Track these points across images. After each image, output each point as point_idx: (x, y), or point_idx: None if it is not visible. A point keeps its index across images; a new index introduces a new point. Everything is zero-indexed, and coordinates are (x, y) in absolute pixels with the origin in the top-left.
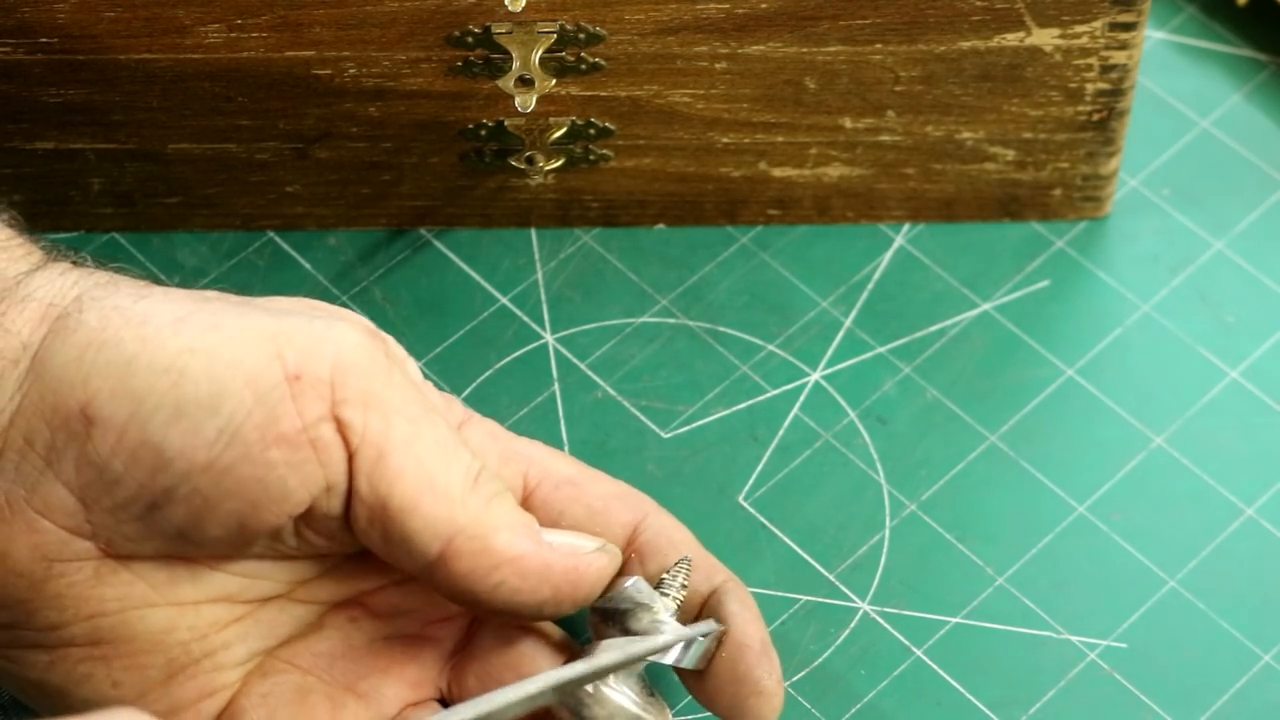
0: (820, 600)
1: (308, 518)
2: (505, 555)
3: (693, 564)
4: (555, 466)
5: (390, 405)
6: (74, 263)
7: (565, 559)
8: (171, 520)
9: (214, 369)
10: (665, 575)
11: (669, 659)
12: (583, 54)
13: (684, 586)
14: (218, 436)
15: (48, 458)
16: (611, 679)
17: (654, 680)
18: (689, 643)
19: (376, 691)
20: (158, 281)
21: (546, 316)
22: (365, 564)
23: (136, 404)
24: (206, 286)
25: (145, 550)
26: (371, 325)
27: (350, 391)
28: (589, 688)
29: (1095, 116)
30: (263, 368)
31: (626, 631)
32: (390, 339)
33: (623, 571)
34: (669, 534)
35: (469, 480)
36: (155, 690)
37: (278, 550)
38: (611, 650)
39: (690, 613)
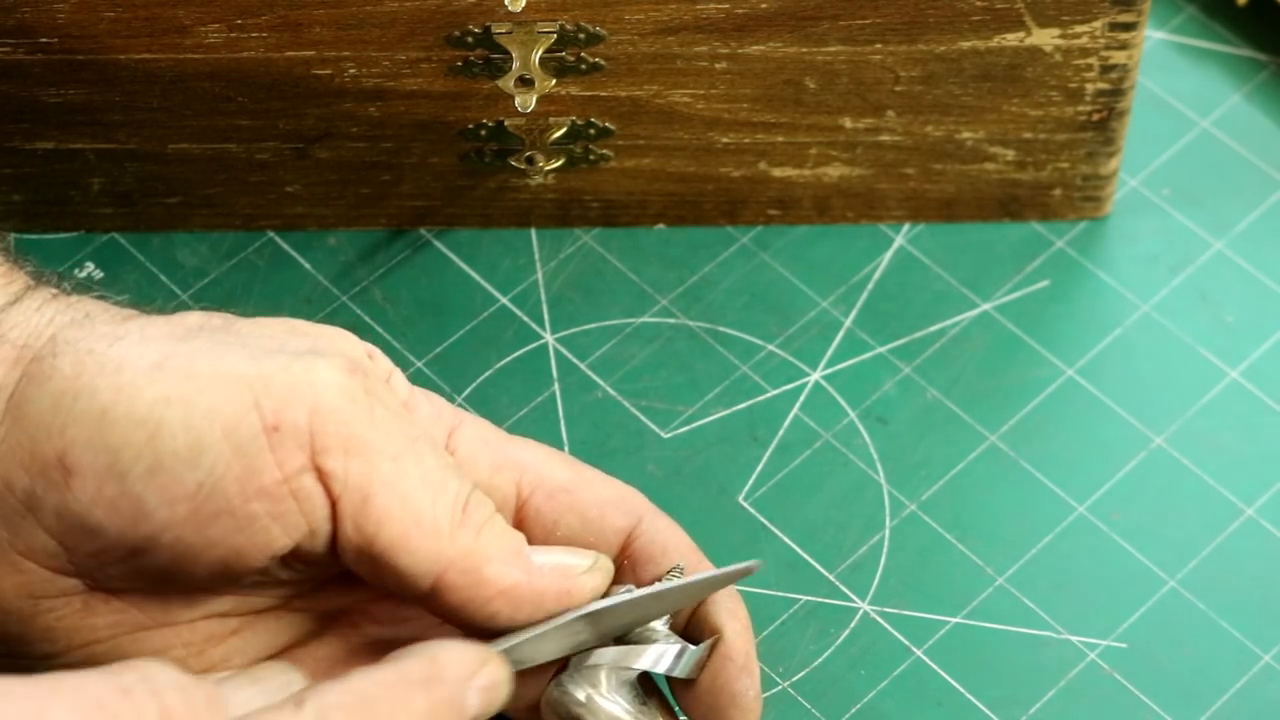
0: (820, 600)
1: (294, 555)
2: (497, 587)
3: (685, 571)
4: (549, 472)
5: (372, 447)
6: (55, 293)
7: (556, 584)
8: (155, 565)
9: (190, 420)
10: (657, 584)
11: (661, 668)
12: (583, 54)
13: None
14: (198, 489)
15: (28, 503)
16: (604, 687)
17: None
18: (681, 651)
19: None
20: (157, 282)
21: (546, 316)
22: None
23: (114, 456)
24: (206, 287)
25: (132, 588)
26: (353, 352)
27: (330, 439)
28: (581, 696)
29: (1095, 116)
30: (240, 418)
31: (619, 641)
32: (376, 352)
33: (617, 579)
34: (663, 539)
35: (457, 511)
36: None
37: (267, 580)
38: (645, 587)
39: (681, 620)
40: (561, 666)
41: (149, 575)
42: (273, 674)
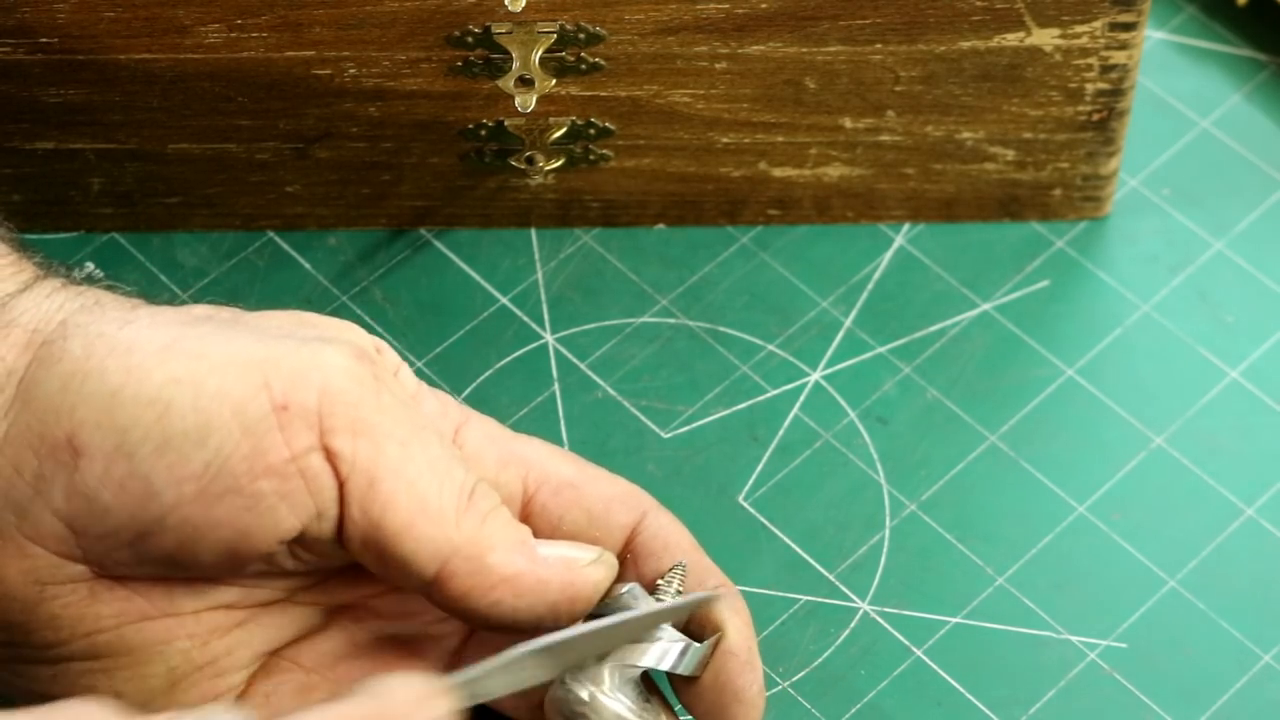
0: (820, 600)
1: (300, 541)
2: (501, 574)
3: (687, 568)
4: (554, 468)
5: (380, 430)
6: (64, 281)
7: (561, 574)
8: (162, 548)
9: (200, 401)
10: (660, 581)
11: (665, 665)
12: (583, 54)
13: (679, 592)
14: (205, 469)
15: (36, 485)
16: (607, 685)
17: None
18: (685, 649)
19: None
20: (157, 282)
21: (546, 316)
22: (365, 570)
23: (122, 436)
24: (206, 287)
25: (138, 573)
26: (361, 342)
27: (338, 420)
28: (584, 695)
29: (1095, 116)
30: (249, 398)
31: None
32: (384, 346)
33: (619, 574)
34: (665, 535)
35: (463, 499)
36: (160, 698)
37: (273, 569)
38: (595, 621)
39: (682, 618)
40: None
41: (156, 559)
42: (219, 714)
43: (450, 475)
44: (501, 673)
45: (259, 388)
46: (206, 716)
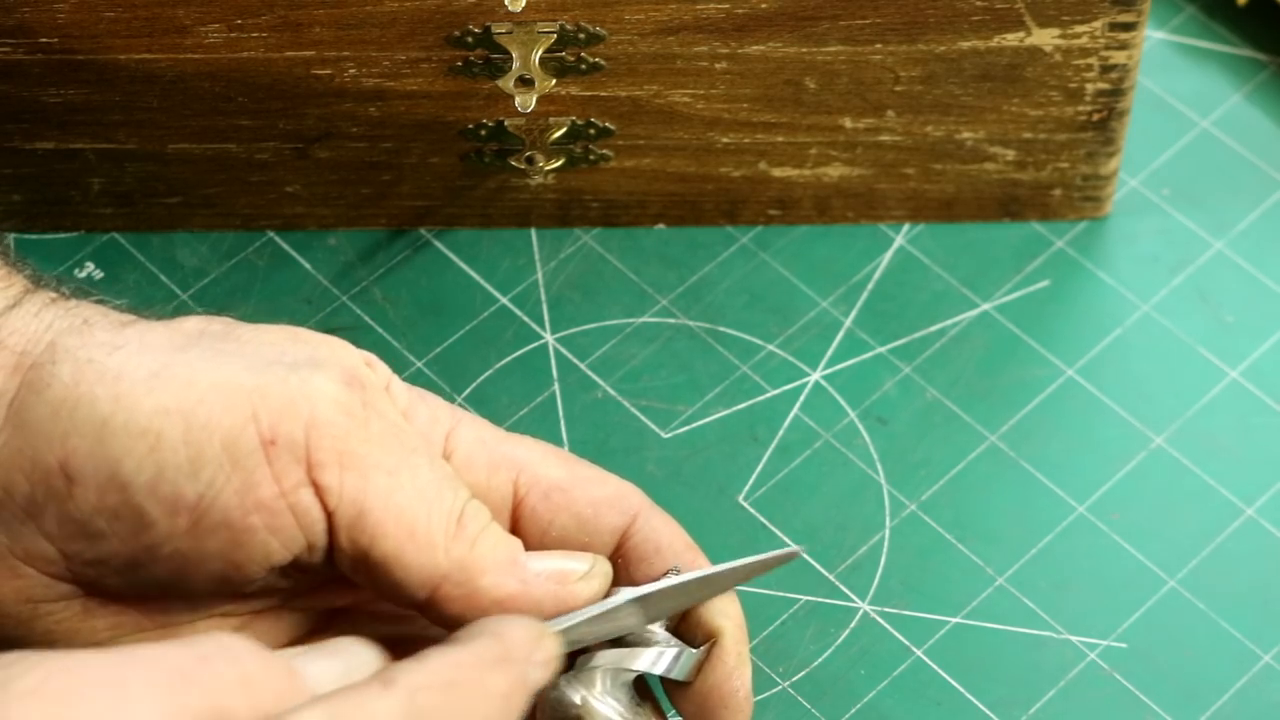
0: (820, 600)
1: (293, 565)
2: (492, 598)
3: (681, 573)
4: (545, 471)
5: (367, 461)
6: (54, 296)
7: (553, 593)
8: (154, 576)
9: (190, 433)
10: (703, 569)
11: (658, 670)
12: (583, 54)
13: None
14: (199, 500)
15: (28, 509)
16: (599, 689)
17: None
18: (679, 654)
19: None
20: (157, 282)
21: (546, 316)
22: None
23: (115, 466)
24: (206, 287)
25: (131, 594)
26: (351, 362)
27: (325, 454)
28: (576, 699)
29: (1095, 116)
30: (239, 431)
31: (616, 643)
32: (374, 360)
33: (614, 580)
34: (657, 538)
35: (451, 524)
36: None
37: (267, 586)
38: (692, 571)
39: (674, 620)
40: (566, 667)
41: (148, 586)
42: (346, 647)
43: (439, 500)
44: (596, 620)
45: (247, 420)
46: (337, 649)
